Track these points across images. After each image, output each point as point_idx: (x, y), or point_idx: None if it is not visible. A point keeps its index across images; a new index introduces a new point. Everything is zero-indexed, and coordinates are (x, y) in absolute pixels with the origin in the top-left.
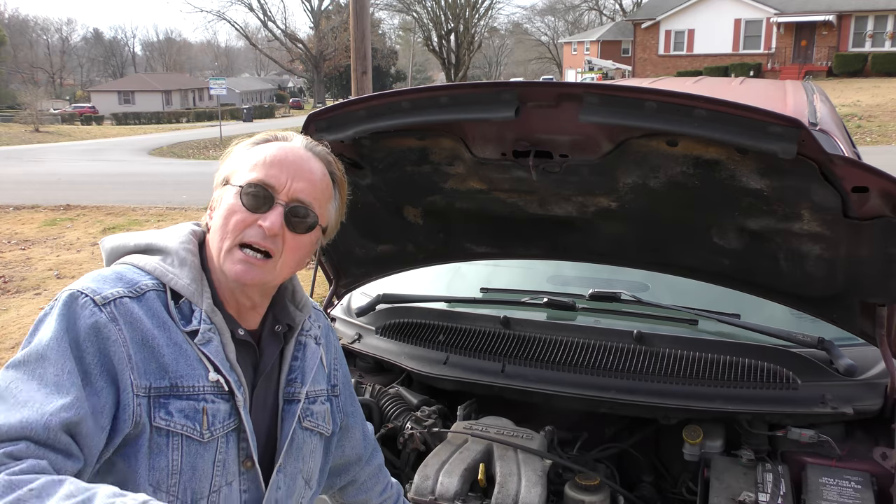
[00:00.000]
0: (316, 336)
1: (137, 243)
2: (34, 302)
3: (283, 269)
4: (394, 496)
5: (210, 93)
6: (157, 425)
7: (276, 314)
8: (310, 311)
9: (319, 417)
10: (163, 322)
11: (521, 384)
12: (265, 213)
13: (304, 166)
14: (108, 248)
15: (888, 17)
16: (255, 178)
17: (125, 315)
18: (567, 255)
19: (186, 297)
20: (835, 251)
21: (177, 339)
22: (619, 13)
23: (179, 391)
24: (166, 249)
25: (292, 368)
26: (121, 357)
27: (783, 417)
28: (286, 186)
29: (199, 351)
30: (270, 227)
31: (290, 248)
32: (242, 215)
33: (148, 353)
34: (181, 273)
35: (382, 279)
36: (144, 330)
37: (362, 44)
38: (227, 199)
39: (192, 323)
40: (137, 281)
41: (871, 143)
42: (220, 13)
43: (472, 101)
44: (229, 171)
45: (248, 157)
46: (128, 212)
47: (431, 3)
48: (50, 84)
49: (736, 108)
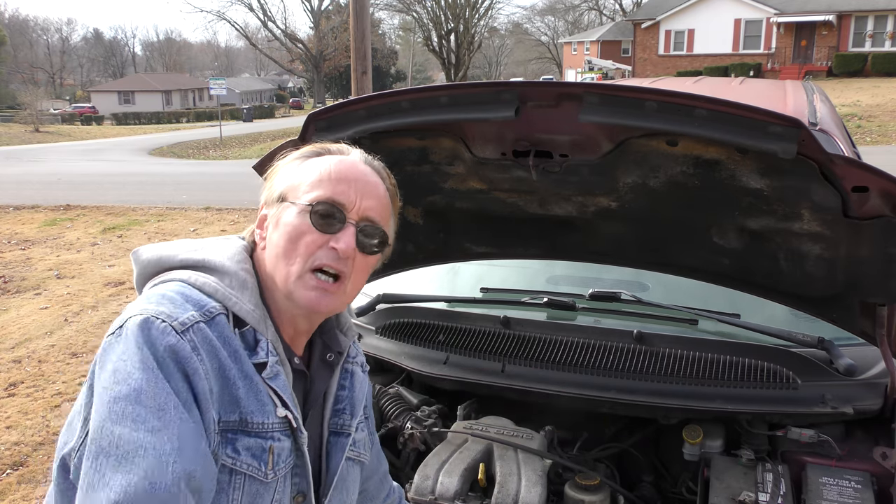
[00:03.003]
0: (362, 363)
1: (187, 258)
2: (34, 302)
3: (351, 293)
4: (395, 501)
5: (210, 93)
6: (224, 462)
7: (325, 341)
8: (355, 335)
9: (361, 446)
10: (234, 351)
11: (521, 384)
12: (336, 233)
13: (369, 182)
14: (146, 260)
15: (888, 17)
16: (324, 196)
17: (204, 343)
18: (567, 255)
19: (251, 325)
20: (835, 251)
21: (247, 370)
22: (619, 13)
23: (248, 427)
24: (223, 269)
25: (339, 398)
26: (204, 391)
27: (783, 417)
28: (356, 204)
29: (267, 385)
30: (345, 248)
31: (358, 269)
32: (312, 237)
33: (223, 384)
34: (243, 297)
35: (382, 279)
36: (221, 359)
37: (362, 44)
38: (289, 218)
39: (258, 354)
40: (205, 304)
41: (871, 143)
42: (220, 13)
43: (472, 101)
44: (285, 188)
45: (305, 172)
46: (128, 212)
47: (431, 3)
48: (50, 84)
49: (736, 107)
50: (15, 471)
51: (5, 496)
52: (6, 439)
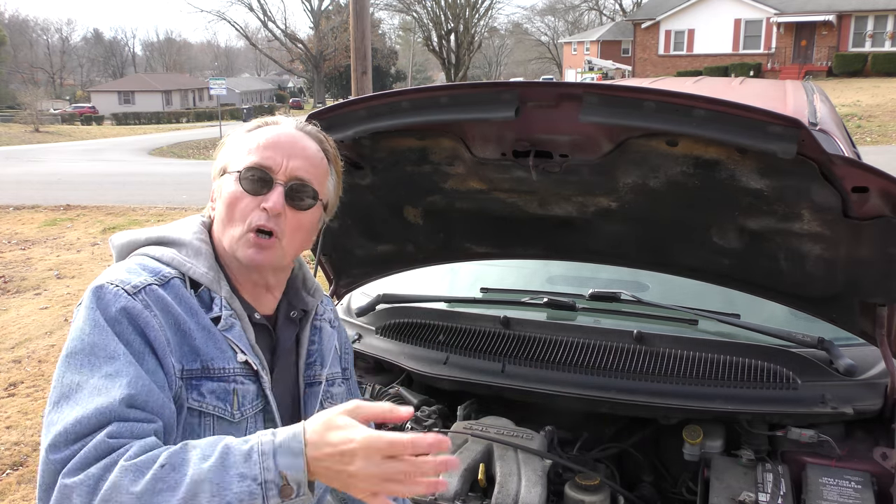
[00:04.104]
0: (331, 319)
1: (149, 237)
2: (34, 302)
3: (289, 248)
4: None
5: (210, 93)
6: (191, 406)
7: (290, 300)
8: (322, 296)
9: (338, 398)
10: (190, 307)
11: (521, 384)
12: (266, 194)
13: (297, 145)
14: (119, 245)
15: (888, 17)
16: (252, 162)
17: (157, 301)
18: (567, 255)
19: (205, 286)
20: (835, 251)
21: (204, 323)
22: (619, 13)
23: (211, 373)
24: (180, 241)
25: (310, 353)
26: (161, 342)
27: (783, 417)
28: (283, 166)
29: (224, 336)
30: (273, 206)
31: (292, 227)
32: (245, 201)
33: (181, 336)
34: (198, 262)
35: (382, 279)
36: (175, 314)
37: (362, 44)
38: (227, 186)
39: (213, 310)
40: (160, 269)
41: (871, 143)
42: (220, 13)
43: (472, 101)
44: (226, 161)
45: (241, 144)
46: (128, 212)
47: (431, 3)
48: (50, 84)
49: (736, 108)
50: (15, 471)
51: (5, 496)
52: (6, 439)
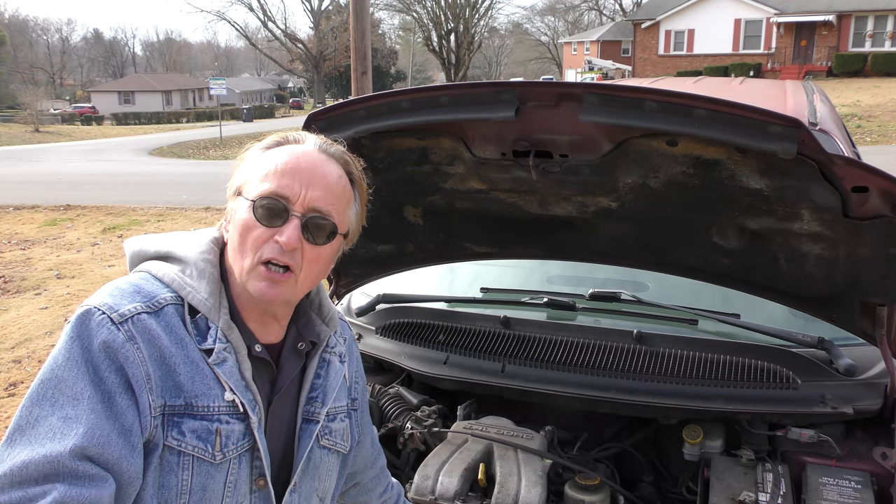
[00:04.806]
0: (341, 354)
1: (157, 250)
2: (34, 302)
3: (304, 283)
4: (394, 497)
5: (210, 93)
6: (169, 444)
7: (300, 328)
8: (336, 325)
9: (338, 436)
10: (180, 339)
11: (521, 384)
12: (280, 226)
13: (317, 172)
14: (130, 252)
15: (888, 17)
16: (267, 191)
17: (143, 332)
18: (567, 255)
19: (203, 313)
20: (835, 251)
21: (193, 356)
22: (619, 13)
23: (194, 410)
24: (185, 259)
25: (314, 387)
26: (139, 378)
27: (783, 417)
28: (300, 196)
29: (213, 370)
30: (287, 241)
31: (309, 260)
32: (258, 231)
33: (165, 370)
34: (199, 286)
35: (382, 279)
36: (162, 347)
37: (362, 44)
38: (241, 212)
39: (207, 341)
40: (156, 294)
41: (871, 143)
42: (220, 13)
43: (472, 101)
44: (241, 181)
45: (259, 164)
46: (128, 212)
47: (431, 3)
48: (50, 84)
49: (736, 108)
50: None
51: None
52: None
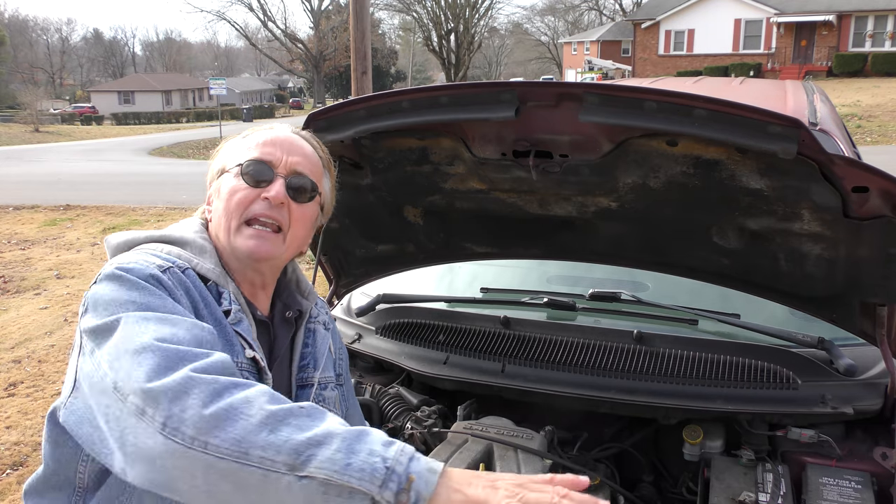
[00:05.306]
0: (325, 322)
1: (151, 234)
2: (34, 302)
3: (291, 244)
4: None
5: (210, 93)
6: None
7: (284, 301)
8: (316, 298)
9: (331, 403)
10: (204, 297)
11: (521, 384)
12: (267, 185)
13: (295, 143)
14: (115, 244)
15: (888, 17)
16: (253, 157)
17: (180, 283)
18: (567, 255)
19: (213, 281)
20: (835, 251)
21: (217, 315)
22: (619, 13)
23: None
24: (183, 240)
25: (304, 355)
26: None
27: (783, 417)
28: (283, 160)
29: (234, 330)
30: (276, 195)
31: (296, 218)
32: (245, 192)
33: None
34: (203, 259)
35: (382, 279)
36: (195, 299)
37: (362, 44)
38: (227, 183)
39: (222, 304)
40: (174, 261)
41: (871, 143)
42: (220, 13)
43: (472, 101)
44: (223, 163)
45: (239, 145)
46: (128, 212)
47: (431, 3)
48: (50, 84)
49: (736, 107)
50: (15, 471)
51: (5, 496)
52: (6, 439)
